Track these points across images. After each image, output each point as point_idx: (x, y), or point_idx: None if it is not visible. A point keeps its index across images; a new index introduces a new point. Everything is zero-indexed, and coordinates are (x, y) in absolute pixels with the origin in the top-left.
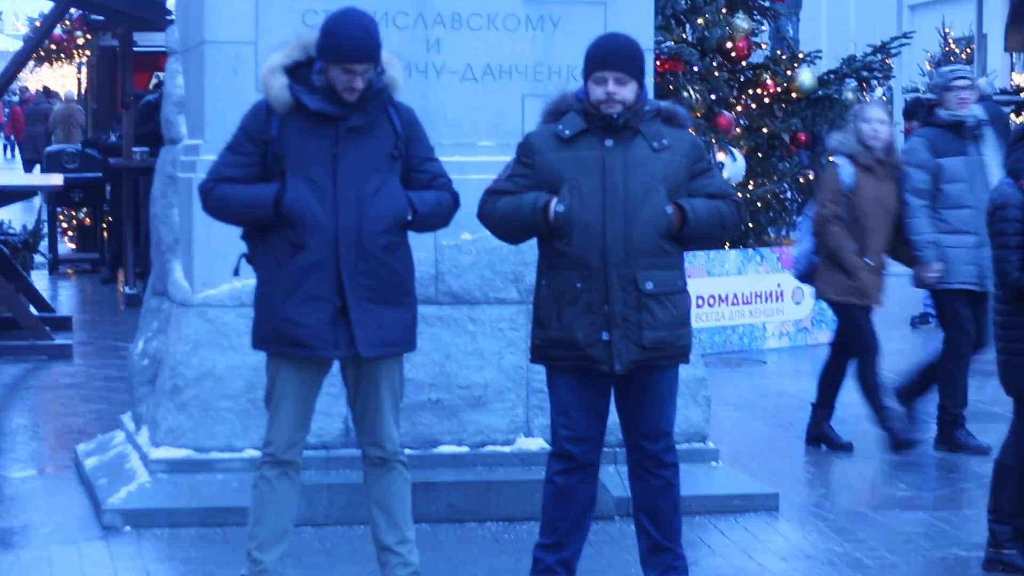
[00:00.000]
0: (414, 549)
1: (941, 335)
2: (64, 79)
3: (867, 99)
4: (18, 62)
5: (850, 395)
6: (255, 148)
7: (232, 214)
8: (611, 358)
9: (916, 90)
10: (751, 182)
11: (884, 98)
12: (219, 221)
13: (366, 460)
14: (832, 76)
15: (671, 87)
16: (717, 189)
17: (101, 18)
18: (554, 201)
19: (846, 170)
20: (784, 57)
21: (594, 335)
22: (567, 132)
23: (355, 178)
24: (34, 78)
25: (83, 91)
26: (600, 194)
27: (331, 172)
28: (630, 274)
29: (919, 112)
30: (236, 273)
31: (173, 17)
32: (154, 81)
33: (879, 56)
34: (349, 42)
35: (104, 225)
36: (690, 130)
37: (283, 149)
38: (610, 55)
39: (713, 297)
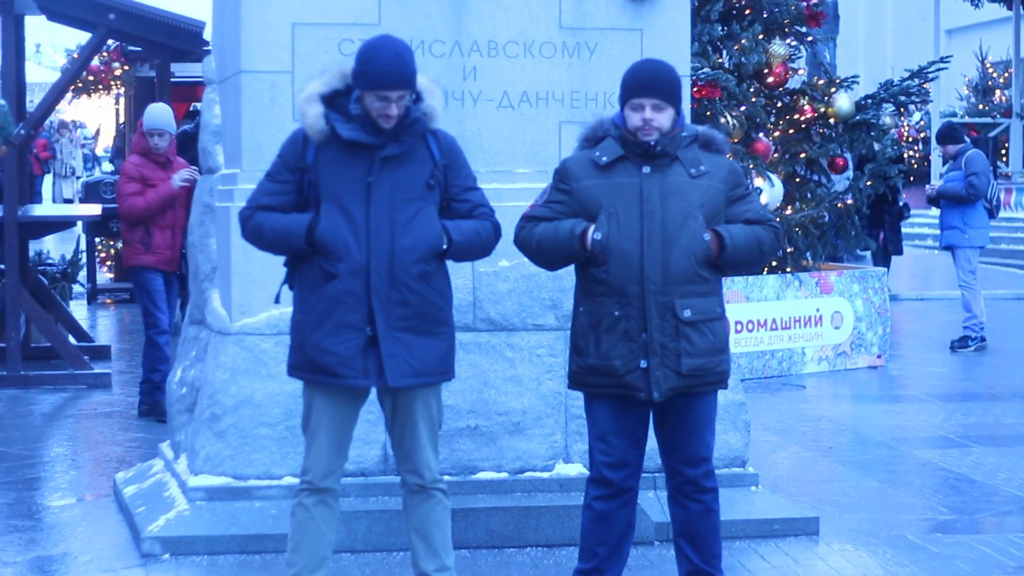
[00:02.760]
0: None
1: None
2: (102, 110)
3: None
4: (55, 93)
5: (888, 417)
6: (292, 176)
7: (268, 243)
8: (649, 386)
9: (954, 114)
10: (789, 207)
11: (921, 123)
12: (257, 249)
13: (405, 487)
14: (869, 101)
15: (708, 113)
16: (755, 214)
17: (138, 49)
18: (592, 228)
19: None
20: (821, 82)
21: (632, 363)
22: (604, 159)
23: (389, 207)
24: (72, 109)
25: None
26: (638, 221)
27: (364, 201)
28: (668, 302)
29: (955, 136)
30: (277, 300)
31: (210, 47)
32: (191, 110)
33: (916, 81)
34: (382, 68)
35: None
36: (728, 155)
37: (318, 178)
38: (647, 81)
39: (752, 322)
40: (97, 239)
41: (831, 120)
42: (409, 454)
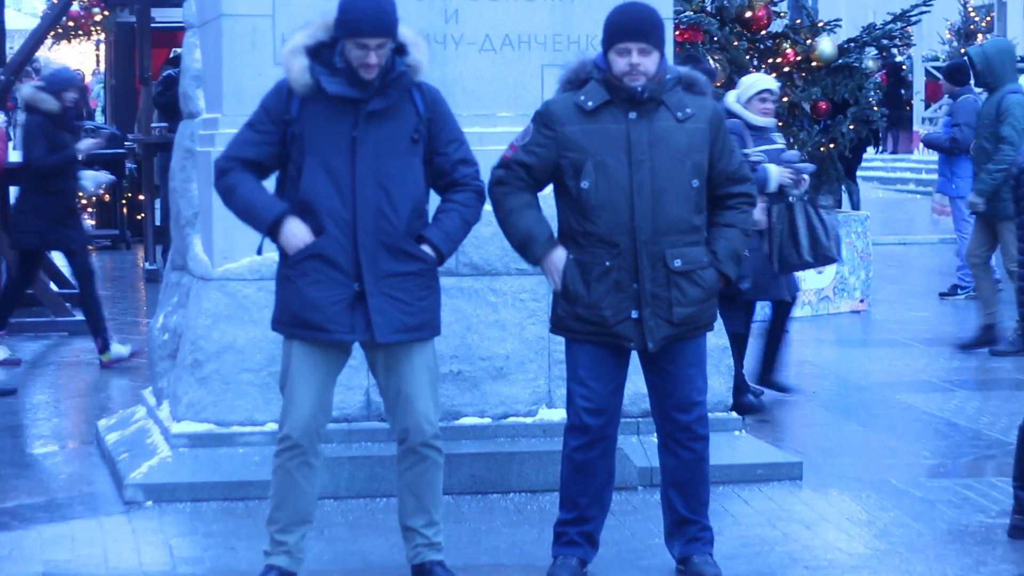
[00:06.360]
0: (440, 530)
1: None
2: (82, 56)
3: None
4: (35, 39)
5: (871, 362)
6: (274, 128)
7: (234, 209)
8: (643, 336)
9: (936, 58)
10: None
11: (904, 67)
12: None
13: (403, 443)
14: (852, 45)
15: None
16: (736, 172)
17: None
18: (556, 255)
19: None
20: (804, 26)
21: (623, 313)
22: (589, 103)
23: (374, 162)
24: (52, 56)
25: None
26: (626, 171)
27: (349, 156)
28: (659, 252)
29: (959, 78)
30: (259, 252)
31: None
32: (172, 55)
33: (899, 24)
34: (361, 16)
35: (123, 201)
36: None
37: (302, 132)
38: (633, 25)
39: None
40: None
41: (813, 64)
42: (408, 407)
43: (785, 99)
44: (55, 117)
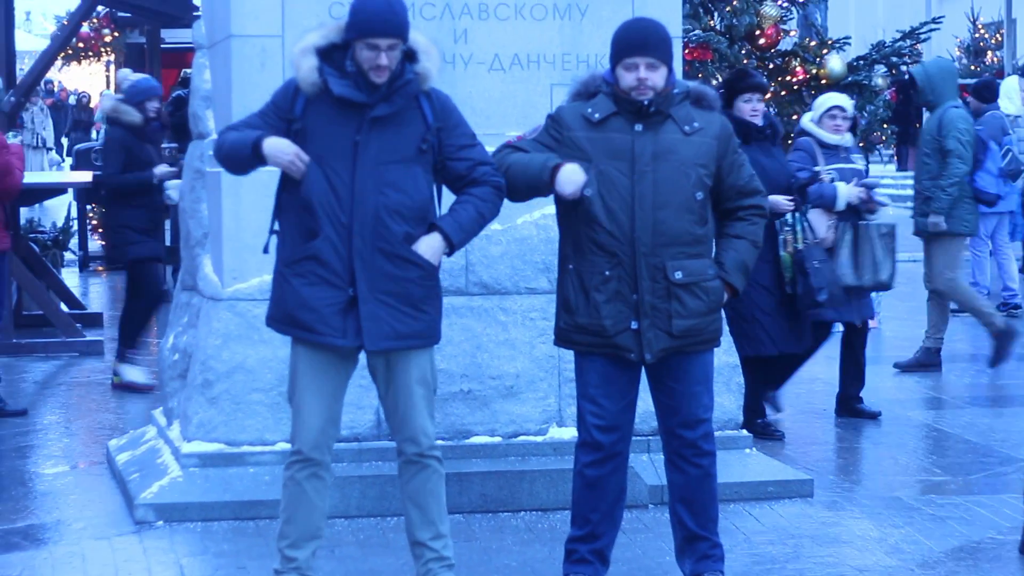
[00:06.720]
0: (449, 544)
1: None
2: (92, 77)
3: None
4: (45, 60)
5: (882, 378)
6: (278, 122)
7: (224, 155)
8: (641, 347)
9: None
10: None
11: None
12: (224, 168)
13: (401, 456)
14: (861, 62)
15: (700, 75)
16: (746, 185)
17: (128, 15)
18: (564, 164)
19: None
20: (813, 44)
21: (622, 324)
22: (596, 115)
23: (374, 168)
24: (63, 77)
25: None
26: (628, 181)
27: (351, 160)
28: (659, 263)
29: (984, 95)
30: (266, 251)
31: (200, 12)
32: (181, 76)
33: (908, 42)
34: (372, 15)
35: None
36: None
37: (304, 132)
38: (640, 40)
39: None
40: (88, 206)
41: (823, 81)
42: (404, 420)
43: (795, 117)
44: (137, 129)
